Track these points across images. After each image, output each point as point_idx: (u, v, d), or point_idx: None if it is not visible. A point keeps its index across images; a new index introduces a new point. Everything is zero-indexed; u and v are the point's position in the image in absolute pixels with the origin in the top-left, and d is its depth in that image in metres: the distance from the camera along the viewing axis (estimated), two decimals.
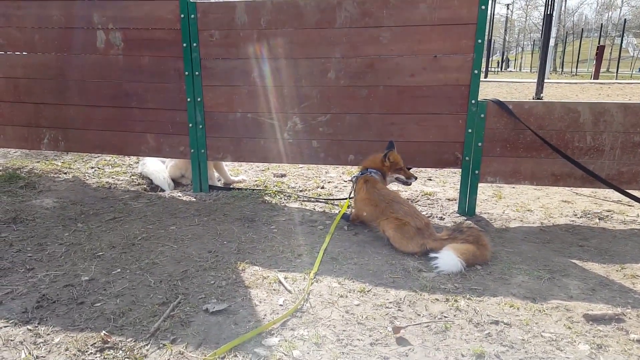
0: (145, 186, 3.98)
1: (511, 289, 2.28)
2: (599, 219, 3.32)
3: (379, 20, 3.26)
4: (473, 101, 3.26)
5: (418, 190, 3.99)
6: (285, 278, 2.36)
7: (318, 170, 4.62)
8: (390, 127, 3.44)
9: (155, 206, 3.46)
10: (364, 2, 3.25)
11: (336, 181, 4.26)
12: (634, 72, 29.21)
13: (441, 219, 3.33)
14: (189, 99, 3.65)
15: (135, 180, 4.17)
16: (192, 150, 3.74)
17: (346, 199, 3.53)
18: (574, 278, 2.41)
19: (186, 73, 3.60)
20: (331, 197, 3.72)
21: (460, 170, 3.42)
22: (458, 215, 3.39)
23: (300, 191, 3.91)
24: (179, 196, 3.73)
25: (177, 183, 4.02)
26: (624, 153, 3.17)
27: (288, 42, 3.43)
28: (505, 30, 48.10)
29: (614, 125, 3.14)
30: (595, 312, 2.05)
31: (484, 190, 3.98)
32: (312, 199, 3.67)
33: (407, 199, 3.74)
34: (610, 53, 32.81)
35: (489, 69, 26.23)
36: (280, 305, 2.11)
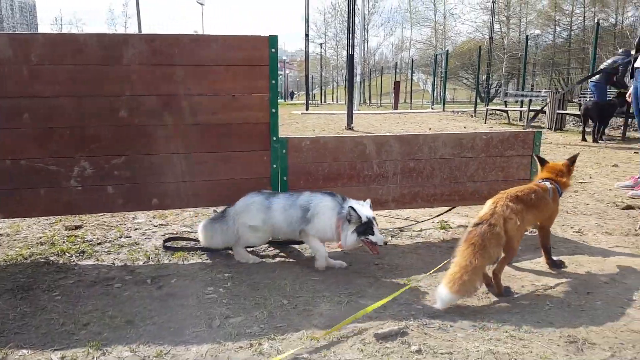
0: None
1: (313, 319, 2.35)
2: (391, 237, 3.73)
3: (171, 59, 3.14)
4: (274, 138, 3.38)
5: None
6: (63, 358, 1.97)
7: (123, 217, 4.17)
8: (199, 166, 3.32)
9: None
10: (153, 40, 3.10)
11: (144, 227, 3.89)
12: (424, 103, 35.28)
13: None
14: None
15: None
16: None
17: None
18: (369, 298, 2.60)
19: None
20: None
21: None
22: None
23: (99, 244, 3.44)
24: None
25: None
26: (404, 177, 3.66)
27: (69, 79, 3.04)
28: (321, 66, 53.23)
29: (394, 154, 3.62)
30: (383, 330, 2.23)
31: None
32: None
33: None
34: (406, 87, 38.94)
35: (310, 102, 28.41)
36: None
